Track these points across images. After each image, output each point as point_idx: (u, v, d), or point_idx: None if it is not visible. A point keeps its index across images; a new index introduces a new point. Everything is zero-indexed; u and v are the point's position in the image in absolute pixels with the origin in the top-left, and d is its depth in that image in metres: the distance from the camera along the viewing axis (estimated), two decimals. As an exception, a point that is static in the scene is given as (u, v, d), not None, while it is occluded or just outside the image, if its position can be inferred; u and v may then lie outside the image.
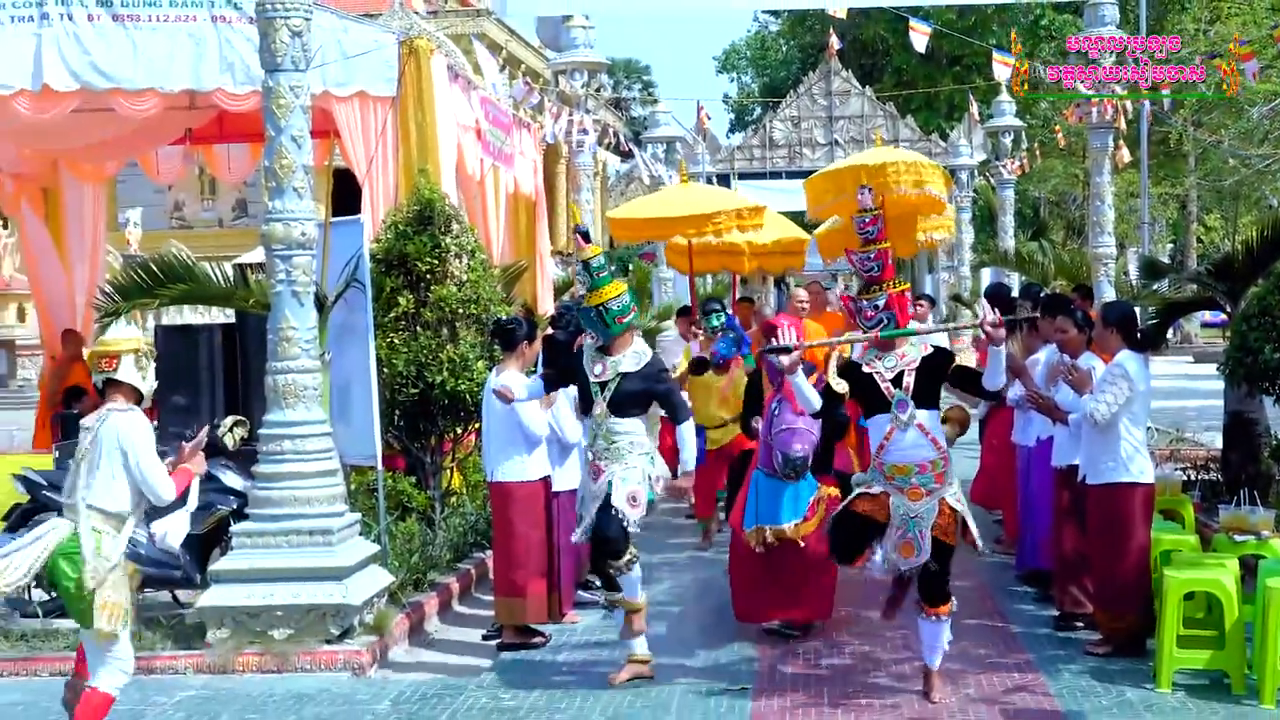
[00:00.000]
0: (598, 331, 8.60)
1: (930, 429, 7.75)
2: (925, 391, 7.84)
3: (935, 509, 7.61)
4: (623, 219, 17.85)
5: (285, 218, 9.56)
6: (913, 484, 7.64)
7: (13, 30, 12.36)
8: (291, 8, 9.47)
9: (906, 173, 14.28)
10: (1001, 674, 8.67)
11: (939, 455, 7.72)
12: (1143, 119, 19.14)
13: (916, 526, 7.59)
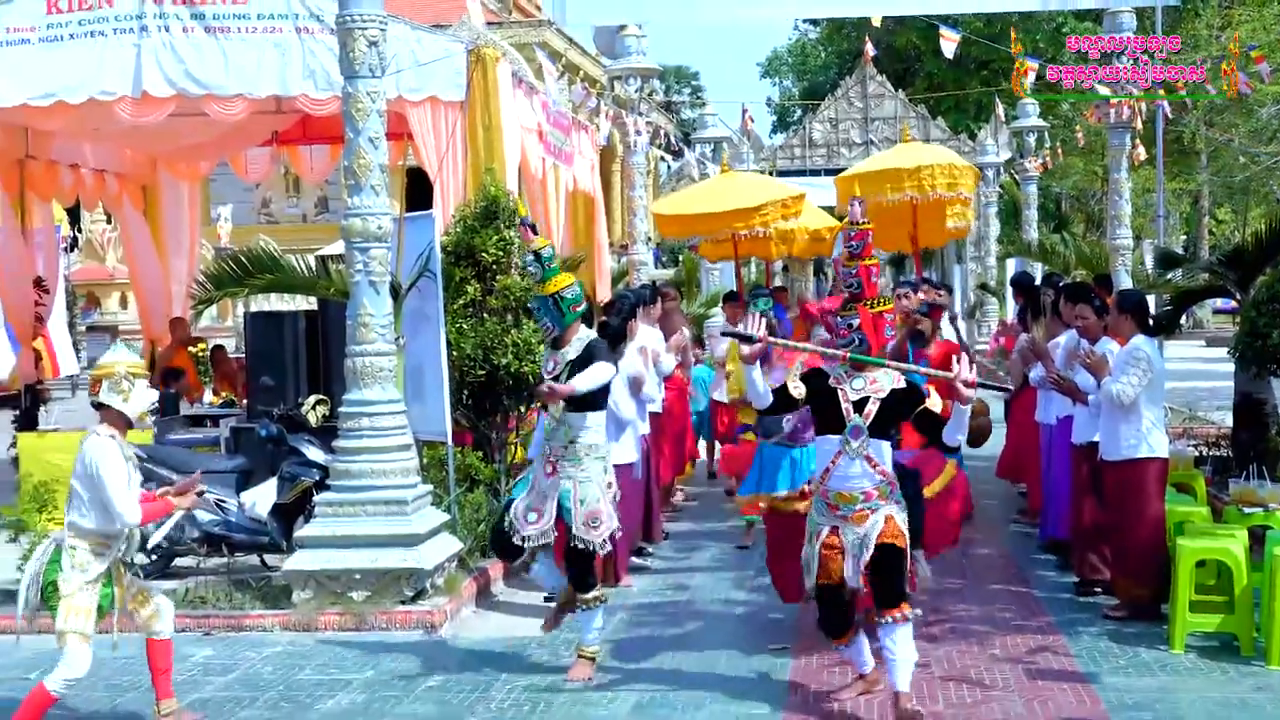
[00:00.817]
0: (553, 321, 8.00)
1: (879, 460, 6.99)
2: (884, 424, 7.06)
3: (880, 521, 6.92)
4: (668, 215, 17.26)
5: (363, 213, 9.60)
6: (857, 510, 6.95)
7: (115, 42, 12.44)
8: (369, 20, 9.49)
9: (941, 175, 13.95)
10: (1025, 635, 8.63)
11: (885, 481, 7.02)
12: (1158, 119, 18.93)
13: (864, 545, 6.91)
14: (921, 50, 41.88)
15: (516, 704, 7.46)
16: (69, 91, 12.56)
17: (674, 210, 17.23)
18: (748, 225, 15.65)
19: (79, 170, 16.64)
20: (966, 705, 7.27)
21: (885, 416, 7.02)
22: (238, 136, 16.36)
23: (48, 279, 16.59)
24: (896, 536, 6.91)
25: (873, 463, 6.93)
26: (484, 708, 7.43)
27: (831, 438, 7.01)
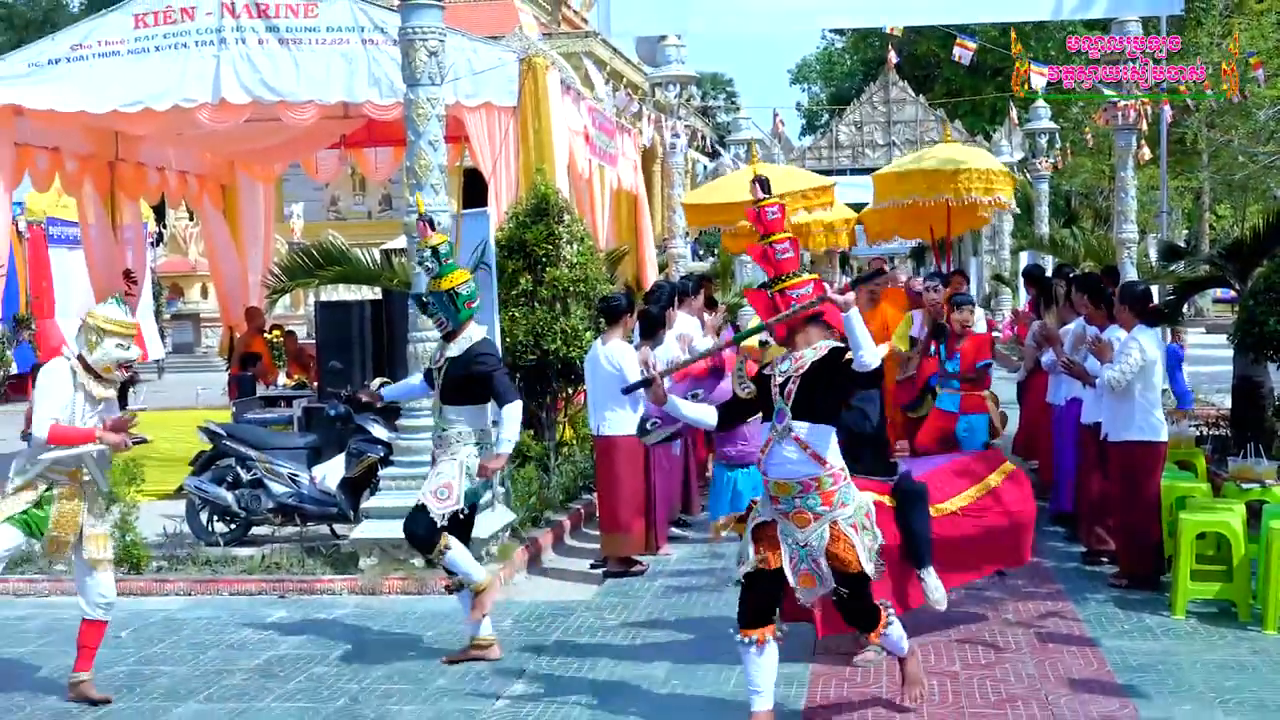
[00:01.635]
0: (447, 316, 7.67)
1: (812, 443, 5.98)
2: (811, 400, 6.02)
3: (825, 534, 5.96)
4: (694, 204, 16.70)
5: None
6: (797, 506, 5.99)
7: (196, 53, 12.52)
8: (429, 32, 9.51)
9: (979, 179, 13.44)
10: (1035, 602, 8.60)
11: (825, 473, 5.99)
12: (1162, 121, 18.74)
13: (809, 556, 6.00)
14: (940, 58, 41.56)
15: (565, 662, 7.50)
16: (155, 99, 12.65)
17: (699, 200, 16.71)
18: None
19: (164, 171, 16.77)
20: (981, 666, 7.25)
21: (808, 391, 6.01)
22: (308, 140, 16.43)
23: (135, 271, 16.73)
24: (849, 563, 5.96)
25: (804, 445, 5.95)
26: (535, 665, 7.47)
27: (766, 425, 6.25)
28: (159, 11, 12.67)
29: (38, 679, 7.51)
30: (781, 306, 6.11)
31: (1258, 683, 6.86)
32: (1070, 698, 6.68)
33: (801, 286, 6.13)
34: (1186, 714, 6.40)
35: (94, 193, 15.86)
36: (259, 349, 15.69)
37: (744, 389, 6.32)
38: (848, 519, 6.03)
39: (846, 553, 5.95)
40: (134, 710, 6.85)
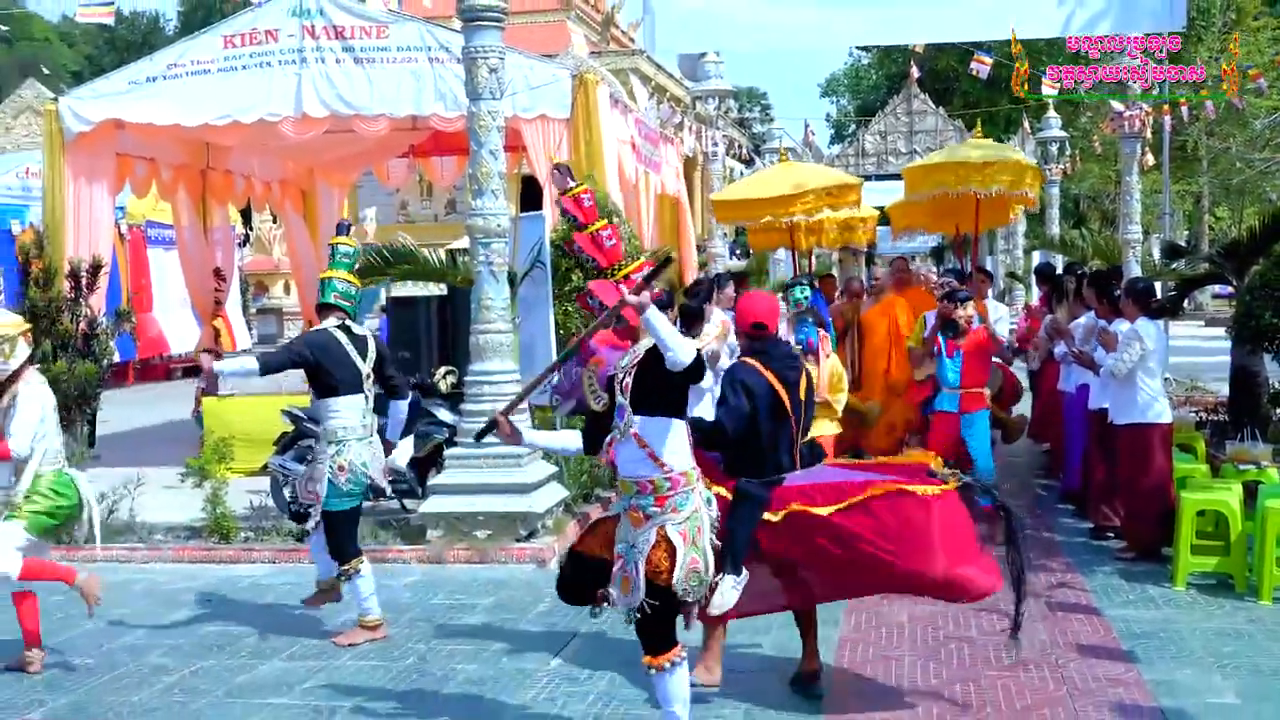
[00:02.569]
0: (364, 306, 7.61)
1: (650, 440, 5.15)
2: (646, 393, 5.18)
3: (651, 538, 5.13)
4: (721, 201, 15.52)
5: (485, 213, 9.64)
6: (632, 505, 5.22)
7: (280, 72, 12.61)
8: (490, 51, 9.52)
9: (1006, 173, 12.62)
10: (1046, 574, 8.54)
11: (662, 475, 5.16)
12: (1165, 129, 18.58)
13: (633, 558, 5.18)
14: (959, 72, 41.22)
15: (613, 626, 7.49)
16: (242, 113, 12.74)
17: (725, 198, 15.62)
18: (788, 212, 13.58)
19: (250, 179, 16.89)
20: (996, 633, 7.19)
21: (642, 385, 5.19)
22: (380, 149, 16.51)
23: (225, 269, 16.87)
24: (659, 572, 5.11)
25: (642, 443, 5.15)
26: (586, 628, 7.47)
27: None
28: (246, 33, 12.76)
29: (136, 640, 7.59)
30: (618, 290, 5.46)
31: (1253, 649, 6.80)
32: (1079, 662, 6.63)
33: (640, 270, 5.46)
34: (1187, 677, 6.34)
35: (187, 198, 16.00)
36: (336, 340, 15.77)
37: (598, 401, 5.46)
38: (676, 525, 5.15)
39: (662, 561, 5.11)
40: (223, 667, 6.92)
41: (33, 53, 53.81)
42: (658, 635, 5.25)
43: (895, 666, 6.64)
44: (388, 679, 6.64)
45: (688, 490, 5.20)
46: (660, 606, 5.15)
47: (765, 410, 5.92)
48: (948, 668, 6.60)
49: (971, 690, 6.24)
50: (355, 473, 7.29)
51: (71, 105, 13.19)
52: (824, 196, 13.41)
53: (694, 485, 5.25)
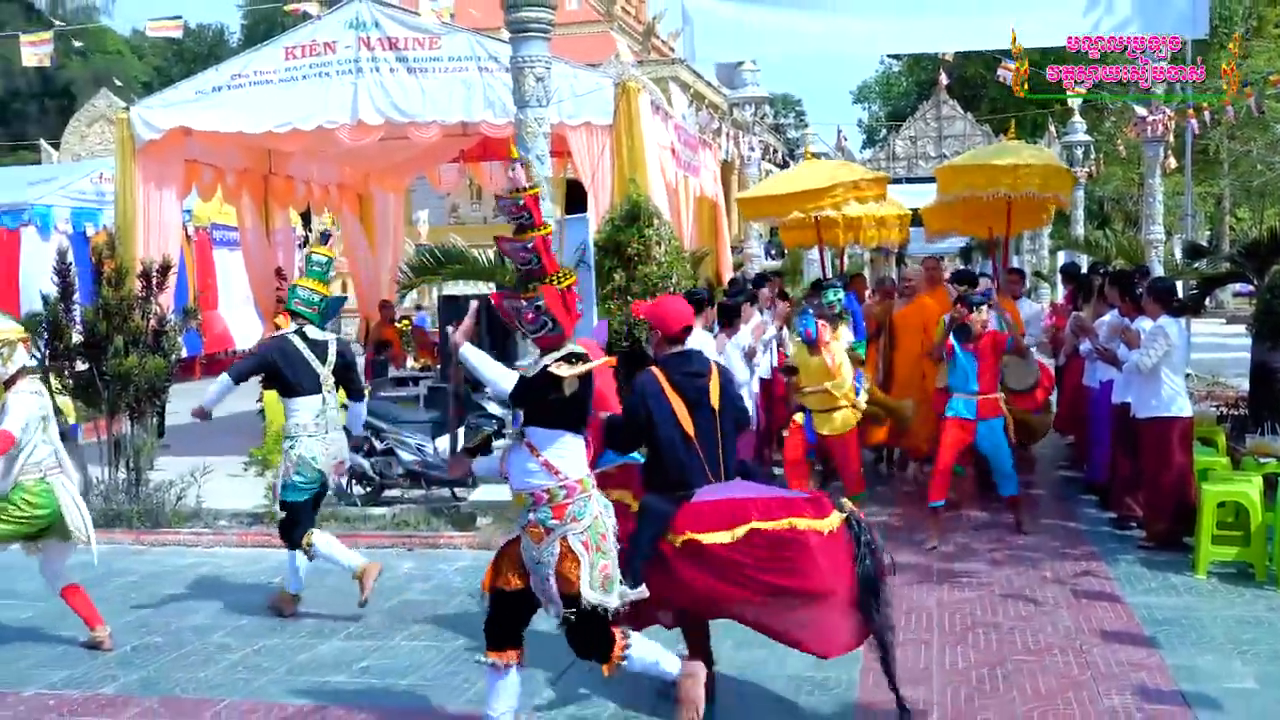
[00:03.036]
0: (329, 312, 7.74)
1: (544, 450, 4.96)
2: (543, 407, 5.00)
3: (556, 550, 4.94)
4: (748, 198, 15.09)
5: (532, 216, 9.65)
6: (530, 520, 5.00)
7: (337, 82, 12.67)
8: (536, 60, 9.53)
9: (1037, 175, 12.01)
10: (1071, 561, 8.49)
11: (558, 484, 4.95)
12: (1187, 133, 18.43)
13: (543, 574, 4.99)
14: (986, 79, 40.95)
15: (654, 610, 7.50)
16: (302, 121, 12.82)
17: (753, 194, 15.24)
18: (817, 206, 13.21)
19: (309, 184, 17.00)
20: (1022, 618, 7.16)
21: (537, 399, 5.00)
22: (432, 155, 16.57)
23: (286, 269, 16.98)
24: (572, 582, 4.93)
25: (535, 452, 4.96)
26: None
27: None
28: (306, 45, 12.84)
29: (202, 619, 7.67)
30: (569, 303, 5.07)
31: (1273, 636, 6.73)
32: (1102, 647, 6.58)
33: (575, 285, 5.13)
34: (1207, 663, 6.28)
35: (250, 202, 16.12)
36: (390, 337, 15.88)
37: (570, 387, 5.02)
38: (578, 535, 4.94)
39: (570, 571, 4.91)
40: (284, 646, 6.99)
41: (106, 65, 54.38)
42: (596, 641, 5.02)
43: (925, 650, 6.61)
44: (439, 658, 6.68)
45: (584, 498, 5.00)
46: (585, 614, 4.97)
47: (662, 421, 5.57)
48: (975, 651, 6.56)
49: (998, 674, 6.21)
50: (306, 466, 7.44)
51: (142, 114, 13.32)
52: (850, 190, 13.06)
53: (589, 493, 5.03)
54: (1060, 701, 5.78)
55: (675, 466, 5.59)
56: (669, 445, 5.58)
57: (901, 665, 6.33)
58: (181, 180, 14.09)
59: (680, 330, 5.81)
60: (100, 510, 9.96)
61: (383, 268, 17.71)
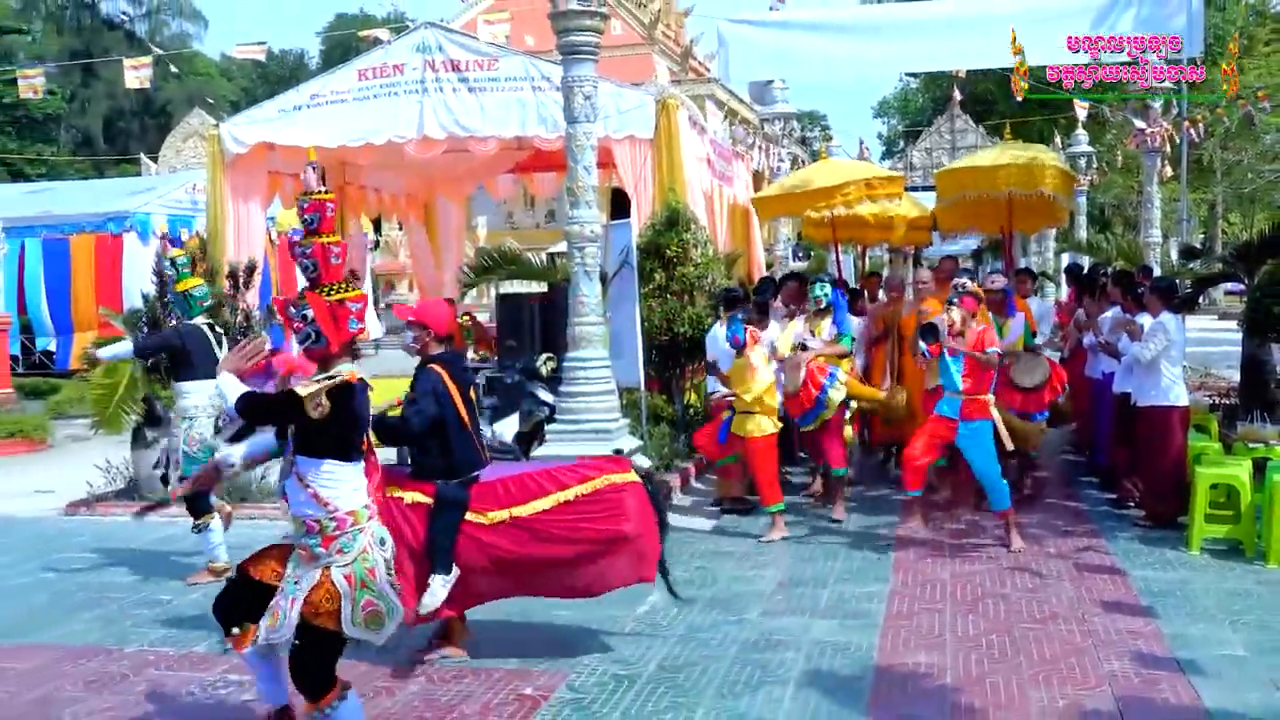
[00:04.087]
0: (181, 310, 7.77)
1: (312, 481, 4.39)
2: (312, 434, 4.39)
3: (315, 579, 4.39)
4: (762, 197, 14.37)
5: (580, 221, 9.66)
6: (304, 543, 4.47)
7: (405, 100, 12.74)
8: (585, 80, 9.52)
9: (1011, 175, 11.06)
10: (1073, 538, 8.40)
11: (326, 516, 4.39)
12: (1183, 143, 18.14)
13: (292, 593, 4.43)
14: (996, 94, 40.56)
15: (689, 576, 7.49)
16: (373, 135, 12.90)
17: (767, 193, 14.52)
18: (829, 204, 12.33)
19: (379, 193, 17.10)
20: (1029, 590, 7.10)
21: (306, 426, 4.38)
22: (490, 166, 16.60)
23: (358, 270, 17.13)
24: (317, 614, 4.35)
25: (304, 482, 4.40)
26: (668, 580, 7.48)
27: None
28: (377, 67, 12.92)
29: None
30: (340, 317, 4.54)
31: (1262, 607, 6.63)
32: (1103, 616, 6.51)
33: (357, 301, 4.64)
34: (1200, 632, 6.20)
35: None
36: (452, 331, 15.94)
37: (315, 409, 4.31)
38: (342, 568, 4.40)
39: (323, 603, 4.35)
40: (358, 609, 7.01)
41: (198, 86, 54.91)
42: (315, 676, 4.44)
43: (938, 618, 6.57)
44: (495, 622, 6.70)
45: (355, 531, 4.44)
46: (315, 647, 4.40)
47: (450, 414, 5.70)
48: (985, 619, 6.51)
49: (1006, 640, 6.16)
50: (204, 444, 7.52)
51: (230, 130, 13.45)
52: (863, 188, 12.14)
53: (363, 525, 4.47)
54: (1064, 666, 5.73)
55: (461, 452, 5.76)
56: (457, 434, 5.74)
57: (917, 632, 6.32)
58: (265, 190, 14.22)
59: (447, 332, 6.04)
60: (193, 486, 10.09)
61: (445, 269, 17.77)
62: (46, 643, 6.44)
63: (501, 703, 5.37)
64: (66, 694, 5.62)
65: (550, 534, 5.69)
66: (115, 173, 41.41)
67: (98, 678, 5.88)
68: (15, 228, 21.32)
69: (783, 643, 6.16)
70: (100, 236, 21.86)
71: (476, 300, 28.01)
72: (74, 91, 53.76)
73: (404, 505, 5.66)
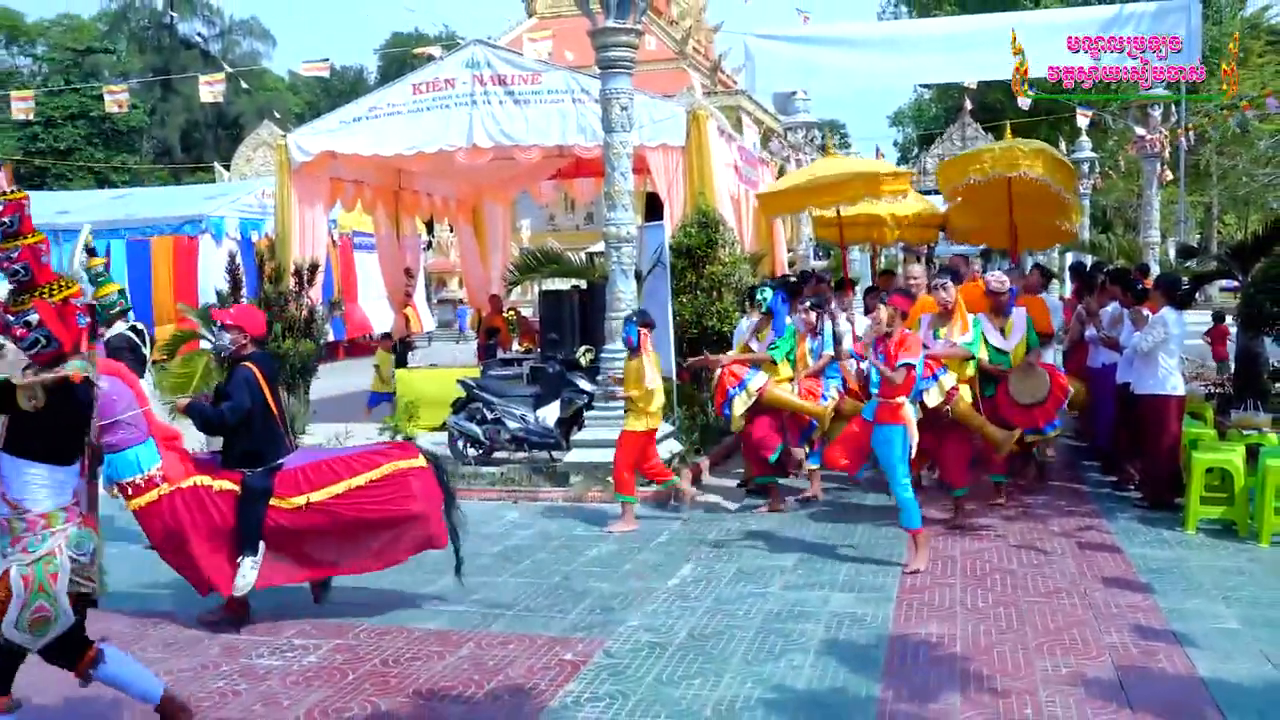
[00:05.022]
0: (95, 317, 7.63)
1: (8, 481, 4.08)
2: (17, 433, 4.06)
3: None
4: (765, 194, 13.54)
5: (617, 223, 9.68)
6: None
7: (456, 112, 12.77)
8: (621, 93, 9.54)
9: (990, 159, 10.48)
10: (1076, 518, 8.32)
11: (14, 516, 4.07)
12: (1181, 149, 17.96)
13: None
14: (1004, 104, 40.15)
15: (715, 555, 7.50)
16: (426, 145, 12.94)
17: (770, 190, 13.90)
18: (832, 200, 11.80)
19: (432, 197, 17.16)
20: (1033, 565, 7.04)
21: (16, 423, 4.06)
22: (534, 173, 16.64)
23: (413, 268, 17.22)
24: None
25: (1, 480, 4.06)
26: (696, 556, 7.49)
27: None
28: (429, 82, 12.95)
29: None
30: (67, 315, 4.18)
31: (1253, 584, 6.55)
32: (1103, 591, 6.45)
33: (78, 296, 4.26)
34: (1196, 606, 6.13)
35: (384, 212, 16.31)
36: (499, 325, 15.99)
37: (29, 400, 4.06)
38: (22, 567, 4.04)
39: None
40: (413, 579, 7.06)
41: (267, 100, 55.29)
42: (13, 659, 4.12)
43: (949, 592, 6.53)
44: (538, 593, 6.73)
45: (45, 533, 4.07)
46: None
47: (260, 407, 5.94)
48: (992, 593, 6.46)
49: (1012, 613, 6.11)
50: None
51: (296, 140, 13.54)
52: (867, 184, 11.33)
53: (55, 529, 4.10)
54: (1066, 637, 5.67)
55: (269, 442, 6.01)
56: (265, 425, 5.98)
57: (929, 604, 6.28)
58: (328, 195, 14.31)
59: (260, 334, 6.28)
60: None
61: (492, 268, 17.83)
62: (130, 609, 6.53)
63: (544, 667, 5.40)
64: (148, 654, 5.70)
65: (342, 516, 5.95)
66: (191, 180, 41.82)
67: (175, 640, 5.96)
68: (102, 230, 21.59)
69: (803, 614, 6.14)
70: (178, 238, 22.11)
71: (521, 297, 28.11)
72: (155, 106, 54.31)
73: (213, 492, 5.89)
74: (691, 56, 28.09)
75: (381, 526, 6.03)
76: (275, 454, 6.05)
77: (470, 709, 4.91)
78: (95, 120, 48.18)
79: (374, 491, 5.98)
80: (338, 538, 6.04)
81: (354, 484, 5.95)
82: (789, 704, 4.87)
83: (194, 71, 34.80)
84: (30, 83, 48.75)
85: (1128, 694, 4.90)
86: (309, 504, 5.93)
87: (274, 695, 5.11)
